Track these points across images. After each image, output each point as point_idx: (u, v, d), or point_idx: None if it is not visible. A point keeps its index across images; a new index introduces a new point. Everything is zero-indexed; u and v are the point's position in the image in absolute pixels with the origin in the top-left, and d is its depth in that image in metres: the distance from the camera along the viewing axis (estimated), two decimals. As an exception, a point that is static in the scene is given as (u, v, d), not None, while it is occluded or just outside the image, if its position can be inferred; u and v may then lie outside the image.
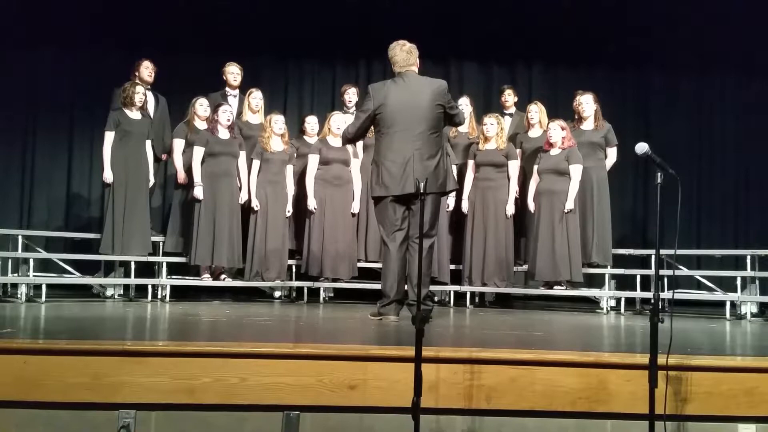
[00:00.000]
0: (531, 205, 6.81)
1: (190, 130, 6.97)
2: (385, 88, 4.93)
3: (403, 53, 4.95)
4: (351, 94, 7.53)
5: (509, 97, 7.61)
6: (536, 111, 7.18)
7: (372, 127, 5.05)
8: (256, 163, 6.91)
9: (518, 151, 7.11)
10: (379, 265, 6.35)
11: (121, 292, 6.90)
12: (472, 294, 7.04)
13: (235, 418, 3.16)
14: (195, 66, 8.12)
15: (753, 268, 6.61)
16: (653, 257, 5.35)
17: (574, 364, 3.21)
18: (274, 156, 6.91)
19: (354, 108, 7.44)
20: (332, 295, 7.27)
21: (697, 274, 7.23)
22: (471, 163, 7.03)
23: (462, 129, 7.23)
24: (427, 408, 2.99)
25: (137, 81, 7.01)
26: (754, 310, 6.60)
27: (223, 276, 6.87)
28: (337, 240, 6.89)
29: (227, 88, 7.38)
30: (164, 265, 6.82)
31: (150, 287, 6.73)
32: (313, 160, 6.98)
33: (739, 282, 6.58)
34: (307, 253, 6.92)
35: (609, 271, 6.91)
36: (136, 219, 6.70)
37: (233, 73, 7.34)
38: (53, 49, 8.30)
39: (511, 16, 8.48)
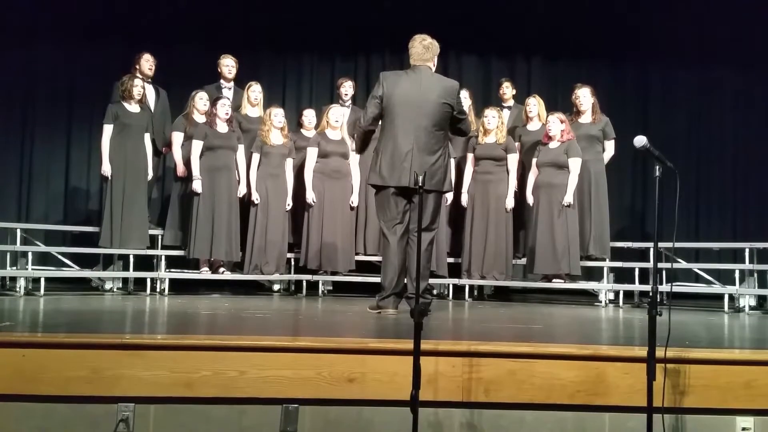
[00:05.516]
0: (530, 198, 6.81)
1: (189, 124, 6.95)
2: (395, 78, 4.90)
3: (421, 47, 4.92)
4: (347, 88, 7.50)
5: (507, 90, 7.59)
6: (535, 104, 7.17)
7: None
8: (255, 157, 6.90)
9: (517, 144, 7.11)
10: (377, 259, 6.35)
11: (120, 285, 6.90)
12: (471, 287, 7.04)
13: (234, 411, 3.17)
14: (195, 59, 8.08)
15: (751, 261, 6.62)
16: (652, 250, 5.35)
17: (572, 357, 3.22)
18: (273, 149, 6.90)
19: (350, 102, 7.48)
20: (331, 288, 7.27)
21: (695, 267, 7.22)
22: (470, 156, 7.02)
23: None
24: (425, 401, 3.00)
25: (138, 74, 6.99)
26: (753, 302, 6.60)
27: (221, 269, 6.87)
28: (335, 233, 6.89)
29: (222, 81, 7.35)
30: (163, 258, 6.80)
31: (149, 280, 6.73)
32: (311, 153, 6.97)
33: (737, 275, 6.59)
34: (306, 246, 6.92)
35: (608, 264, 6.91)
36: (134, 212, 6.69)
37: (228, 65, 7.32)
38: (52, 42, 8.25)
39: (510, 8, 8.46)
